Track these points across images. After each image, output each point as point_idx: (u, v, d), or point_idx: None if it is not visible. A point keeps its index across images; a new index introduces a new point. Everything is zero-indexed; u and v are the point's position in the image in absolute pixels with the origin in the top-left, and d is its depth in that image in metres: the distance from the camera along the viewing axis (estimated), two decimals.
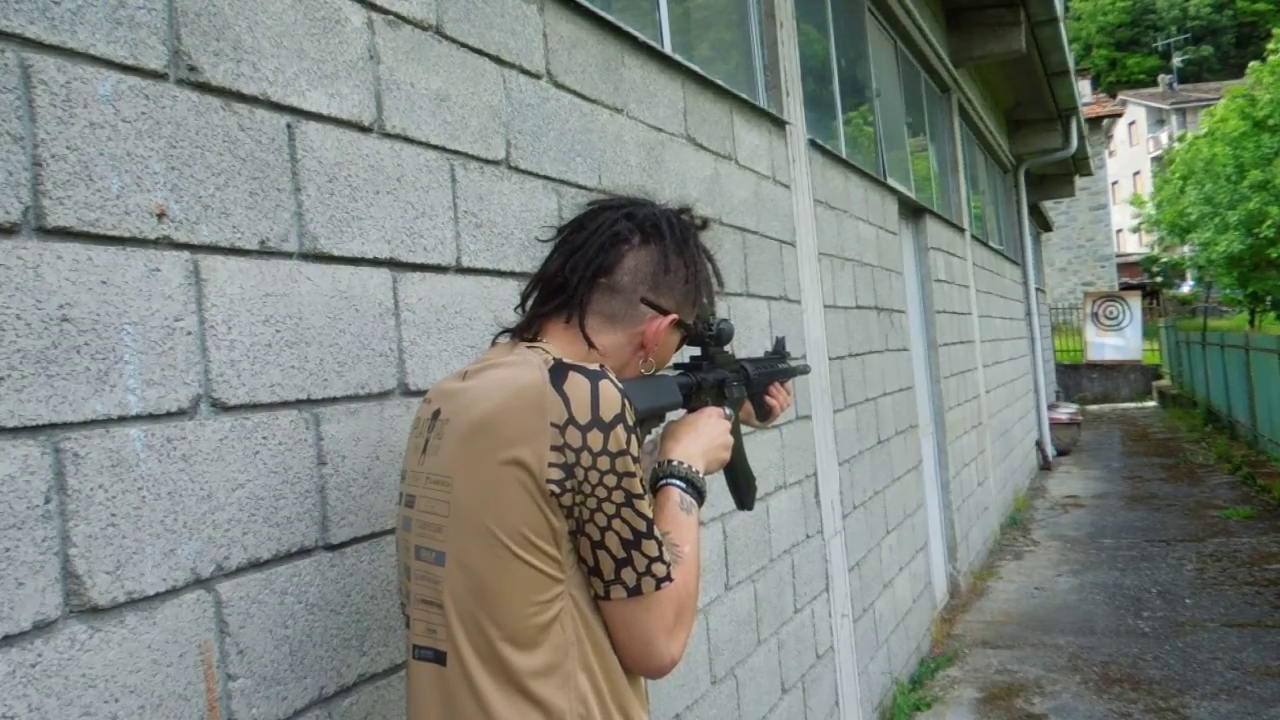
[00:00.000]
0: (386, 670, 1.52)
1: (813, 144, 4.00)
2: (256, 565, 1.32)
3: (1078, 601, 6.12)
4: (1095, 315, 19.20)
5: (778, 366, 1.70)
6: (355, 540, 1.49)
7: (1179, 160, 23.40)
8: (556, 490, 1.08)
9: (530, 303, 1.32)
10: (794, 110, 3.79)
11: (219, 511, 1.26)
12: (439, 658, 1.14)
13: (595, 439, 1.09)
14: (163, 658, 1.18)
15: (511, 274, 1.94)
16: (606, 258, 1.26)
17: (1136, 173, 43.81)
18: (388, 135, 1.62)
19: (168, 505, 1.20)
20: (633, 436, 1.12)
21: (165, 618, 1.18)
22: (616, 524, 1.11)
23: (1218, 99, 22.31)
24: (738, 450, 1.50)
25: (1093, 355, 19.57)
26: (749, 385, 1.59)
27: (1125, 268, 33.83)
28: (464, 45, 1.84)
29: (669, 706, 2.43)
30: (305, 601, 1.39)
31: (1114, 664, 4.95)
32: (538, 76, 2.09)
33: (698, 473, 1.30)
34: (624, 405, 1.12)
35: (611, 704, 1.14)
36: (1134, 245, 40.09)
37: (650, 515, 1.14)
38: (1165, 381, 19.63)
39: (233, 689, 1.26)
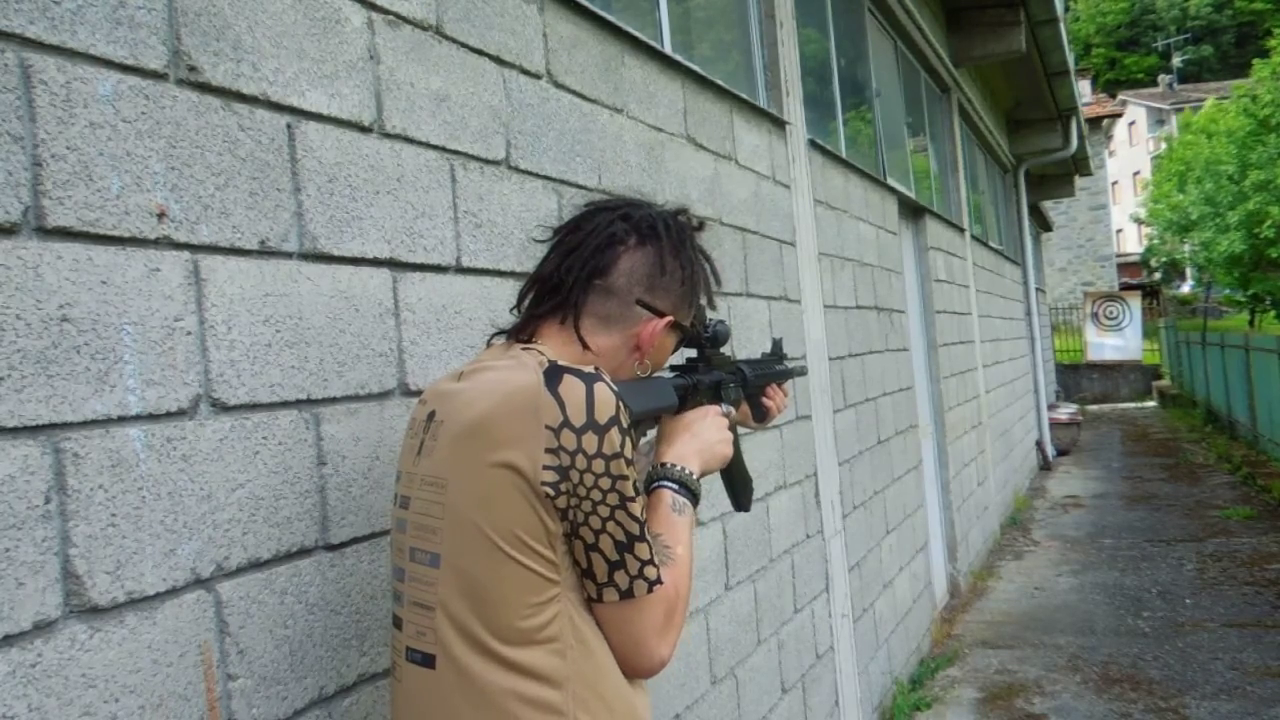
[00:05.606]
0: (387, 670, 1.51)
1: (813, 144, 4.00)
2: (256, 565, 1.32)
3: (1078, 601, 6.12)
4: (1095, 315, 19.18)
5: (775, 368, 1.69)
6: (355, 540, 1.49)
7: (1167, 161, 23.45)
8: (551, 493, 1.08)
9: (526, 303, 1.32)
10: (794, 110, 3.79)
11: (219, 511, 1.27)
12: (428, 660, 1.14)
13: (590, 441, 1.09)
14: (163, 658, 1.18)
15: (511, 274, 1.94)
16: (602, 259, 1.26)
17: (1136, 173, 43.80)
18: (388, 135, 1.63)
19: (168, 505, 1.20)
20: (627, 439, 1.12)
21: (165, 618, 1.18)
22: (610, 526, 1.11)
23: (1218, 98, 22.33)
24: (735, 452, 1.50)
25: (1093, 355, 19.55)
26: (745, 387, 1.59)
27: (1125, 268, 33.83)
28: (464, 45, 1.84)
29: (669, 706, 2.43)
30: (305, 601, 1.39)
31: (1114, 664, 4.95)
32: (538, 76, 2.09)
33: (691, 474, 1.30)
34: (618, 407, 1.12)
35: (614, 704, 1.14)
36: (1134, 245, 40.09)
37: (642, 518, 1.14)
38: (1165, 381, 19.62)
39: (233, 689, 1.26)
